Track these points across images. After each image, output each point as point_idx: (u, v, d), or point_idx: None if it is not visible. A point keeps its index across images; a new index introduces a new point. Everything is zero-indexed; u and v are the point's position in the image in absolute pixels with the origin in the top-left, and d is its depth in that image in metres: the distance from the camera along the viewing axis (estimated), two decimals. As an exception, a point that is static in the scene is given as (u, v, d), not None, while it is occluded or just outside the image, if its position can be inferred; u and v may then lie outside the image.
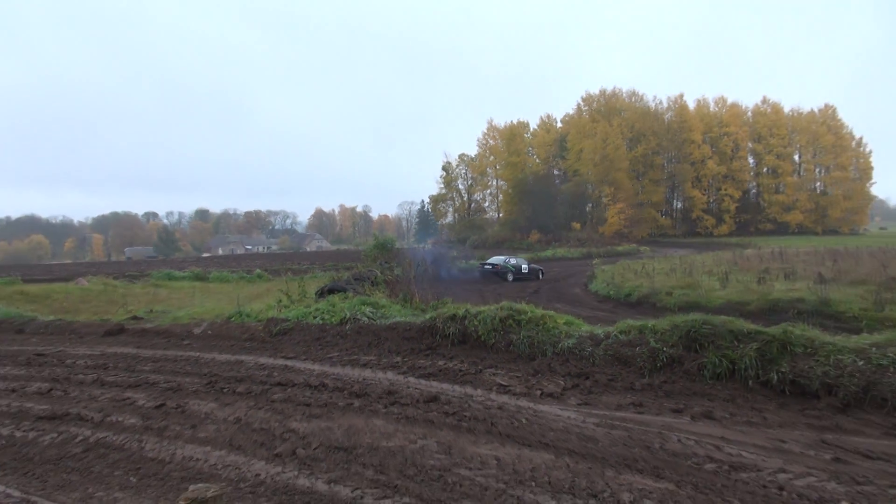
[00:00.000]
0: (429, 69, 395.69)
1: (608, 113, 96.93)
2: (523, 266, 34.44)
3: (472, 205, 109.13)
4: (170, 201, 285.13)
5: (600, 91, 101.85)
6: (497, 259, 35.38)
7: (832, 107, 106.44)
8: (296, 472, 5.45)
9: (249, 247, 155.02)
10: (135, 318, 17.08)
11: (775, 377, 7.28)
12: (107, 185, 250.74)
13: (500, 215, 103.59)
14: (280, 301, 16.91)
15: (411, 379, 8.60)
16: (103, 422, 7.23)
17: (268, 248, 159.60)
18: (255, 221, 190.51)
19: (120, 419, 7.27)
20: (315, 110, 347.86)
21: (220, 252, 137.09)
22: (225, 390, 8.40)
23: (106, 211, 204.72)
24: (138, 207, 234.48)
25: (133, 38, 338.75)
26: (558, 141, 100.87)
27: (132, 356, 11.30)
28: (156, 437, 6.57)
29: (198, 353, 11.29)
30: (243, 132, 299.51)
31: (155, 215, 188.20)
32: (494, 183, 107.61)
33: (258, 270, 41.17)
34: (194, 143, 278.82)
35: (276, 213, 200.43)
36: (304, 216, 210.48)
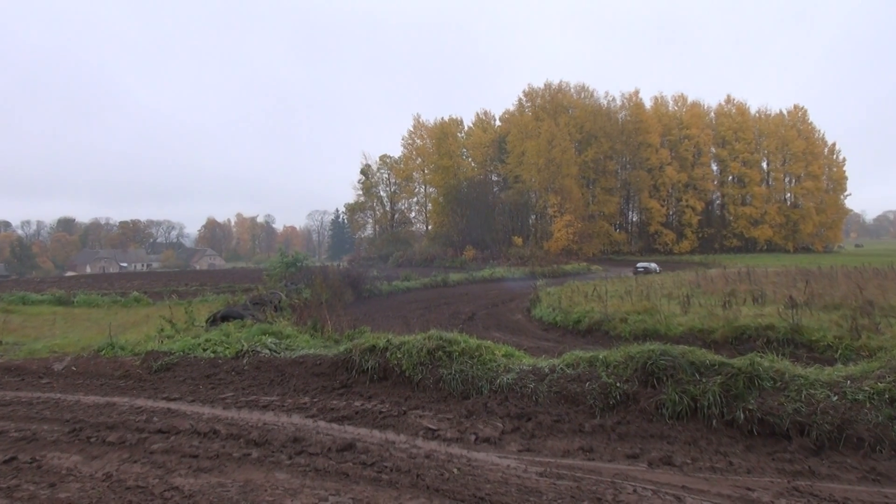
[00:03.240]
0: (337, 51, 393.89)
1: (554, 110, 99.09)
2: (657, 267, 61.73)
3: (396, 215, 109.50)
4: (26, 208, 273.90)
5: (545, 85, 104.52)
6: (645, 263, 63.16)
7: (802, 108, 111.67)
8: (179, 540, 5.30)
9: (125, 264, 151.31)
10: (-22, 351, 16.32)
11: (742, 416, 7.52)
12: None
13: (429, 228, 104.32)
14: (162, 330, 16.51)
15: (322, 423, 8.50)
16: (-66, 482, 6.86)
17: (148, 265, 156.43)
18: (133, 233, 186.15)
19: (-44, 478, 6.91)
20: (201, 101, 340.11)
21: (89, 270, 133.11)
22: (93, 439, 8.11)
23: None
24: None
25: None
26: (497, 142, 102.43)
27: (-27, 399, 10.79)
28: (4, 501, 6.27)
29: (59, 395, 10.87)
30: (114, 126, 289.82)
31: (7, 225, 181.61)
32: (422, 190, 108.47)
33: (135, 293, 40.01)
34: (53, 136, 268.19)
35: (158, 224, 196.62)
36: (192, 227, 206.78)
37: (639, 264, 64.48)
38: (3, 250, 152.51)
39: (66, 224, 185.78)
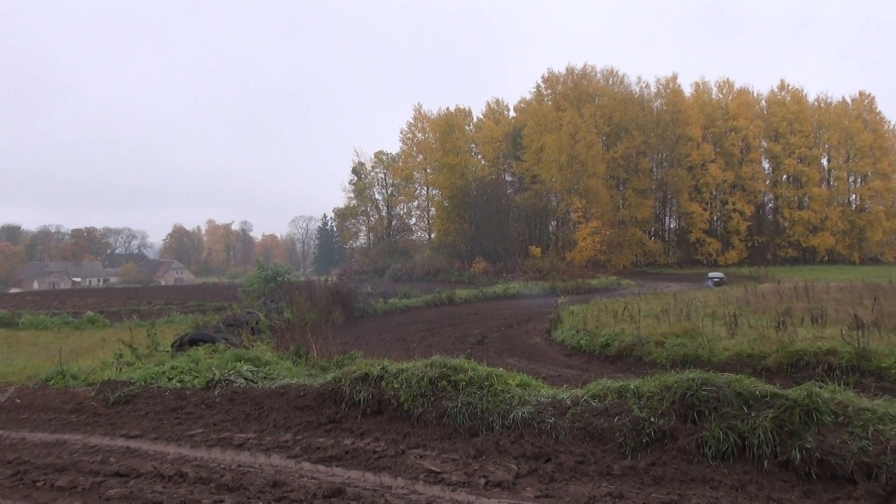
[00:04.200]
0: (323, 33, 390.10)
1: (578, 99, 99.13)
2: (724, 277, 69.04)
3: (394, 222, 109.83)
4: None
5: (567, 70, 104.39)
6: (717, 274, 71.62)
7: (869, 96, 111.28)
8: None
9: (78, 279, 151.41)
10: None
11: (798, 456, 7.45)
12: None
13: (433, 236, 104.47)
14: (121, 356, 16.52)
15: (306, 465, 8.51)
16: None
17: (105, 280, 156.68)
18: (87, 243, 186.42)
19: None
20: (164, 88, 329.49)
21: (37, 286, 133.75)
22: (39, 484, 8.12)
23: None
24: None
25: None
26: (511, 136, 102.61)
27: None
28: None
29: (1, 432, 10.90)
30: (63, 117, 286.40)
31: None
32: (424, 192, 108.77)
33: (90, 313, 40.03)
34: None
35: (116, 232, 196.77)
36: (156, 236, 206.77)
37: (711, 274, 71.11)
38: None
39: (10, 232, 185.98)
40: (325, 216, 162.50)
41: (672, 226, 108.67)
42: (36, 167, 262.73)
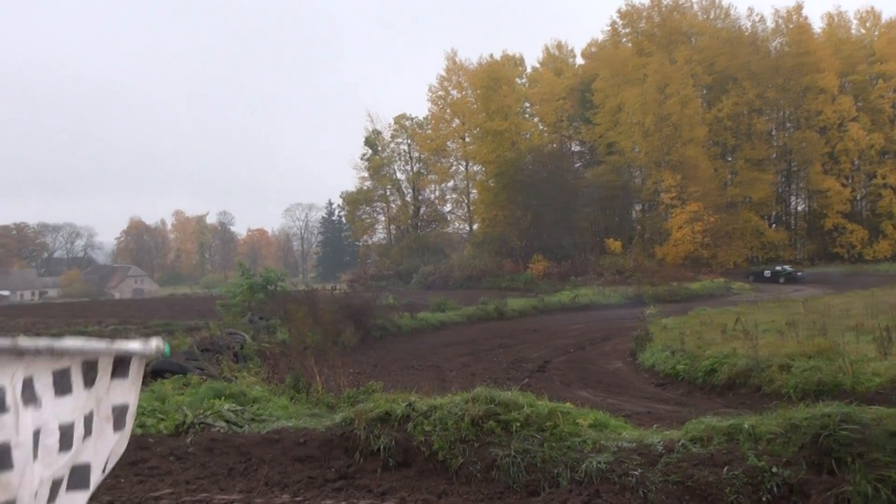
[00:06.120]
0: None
1: (667, 39, 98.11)
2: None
3: (422, 209, 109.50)
4: None
5: (652, 1, 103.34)
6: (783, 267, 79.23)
7: None
8: None
9: (6, 292, 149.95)
10: None
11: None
12: None
13: (475, 228, 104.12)
14: (62, 393, 16.66)
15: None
16: None
17: (41, 293, 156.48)
18: (17, 245, 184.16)
19: None
20: (108, 37, 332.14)
21: None
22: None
23: None
24: None
25: None
26: (578, 91, 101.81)
27: None
28: None
29: None
30: None
31: None
32: (463, 168, 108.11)
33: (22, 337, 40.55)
34: None
35: (55, 229, 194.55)
36: (107, 233, 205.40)
37: (778, 268, 75.82)
38: None
39: None
40: (330, 204, 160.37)
41: (799, 208, 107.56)
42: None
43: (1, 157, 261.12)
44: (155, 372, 18.18)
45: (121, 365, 3.06)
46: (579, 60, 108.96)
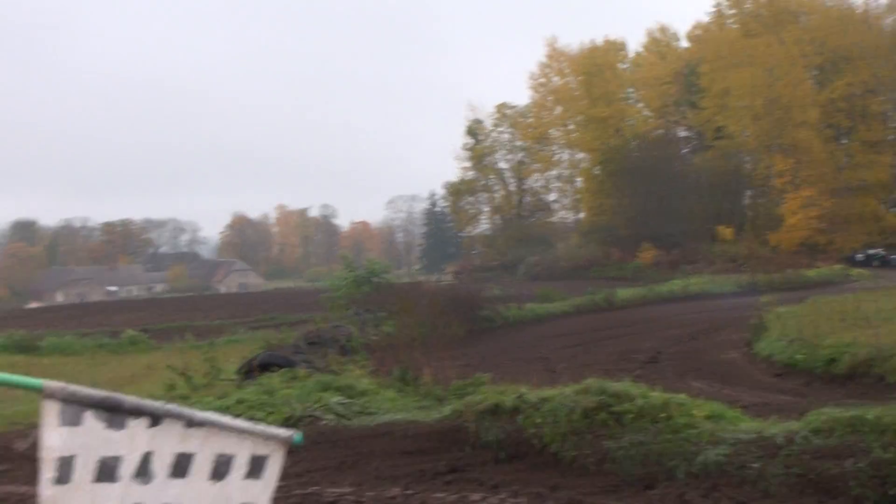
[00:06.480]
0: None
1: (774, 20, 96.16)
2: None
3: (527, 199, 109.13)
4: None
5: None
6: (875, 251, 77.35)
7: None
8: None
9: (114, 288, 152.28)
10: None
11: None
12: None
13: (581, 217, 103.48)
14: (173, 388, 16.87)
15: (421, 530, 8.48)
16: None
17: (148, 288, 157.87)
18: (123, 241, 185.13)
19: None
20: (204, 30, 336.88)
21: (61, 298, 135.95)
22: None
23: None
24: None
25: None
26: (684, 75, 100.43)
27: None
28: None
29: (24, 488, 11.15)
30: (68, 78, 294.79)
31: None
32: (566, 157, 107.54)
33: (131, 332, 41.22)
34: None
35: (160, 225, 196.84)
36: (211, 228, 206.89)
37: (871, 251, 75.30)
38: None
39: (24, 229, 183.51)
40: (432, 195, 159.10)
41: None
42: (46, 144, 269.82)
43: (107, 156, 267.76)
44: (262, 365, 18.30)
45: (256, 463, 2.96)
46: (684, 43, 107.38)
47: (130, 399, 2.64)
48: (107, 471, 2.49)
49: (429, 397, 14.18)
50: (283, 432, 3.06)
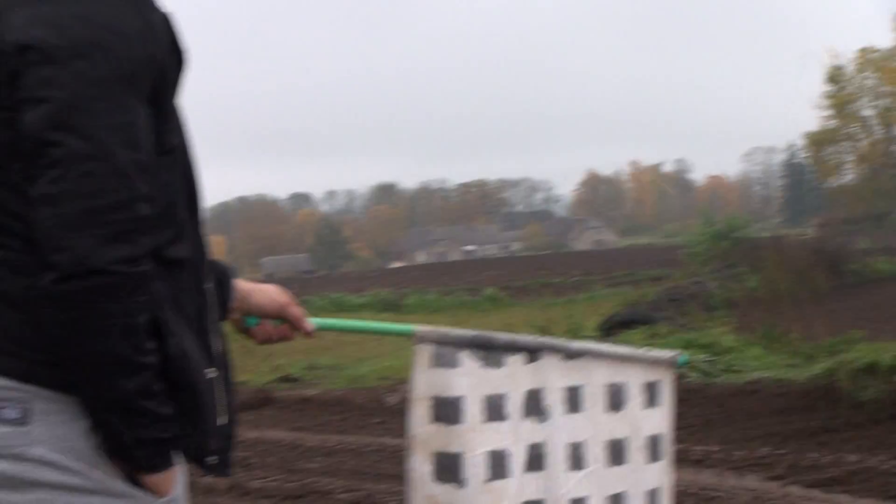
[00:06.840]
0: None
1: None
2: None
3: (893, 147, 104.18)
4: (327, 174, 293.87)
5: None
6: None
7: None
8: None
9: (471, 247, 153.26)
10: (286, 378, 18.26)
11: None
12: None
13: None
14: (534, 343, 17.13)
15: (794, 489, 8.25)
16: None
17: (504, 247, 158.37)
18: (478, 201, 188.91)
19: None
20: None
21: (420, 259, 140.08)
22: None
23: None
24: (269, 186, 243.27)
25: None
26: None
27: (289, 445, 11.98)
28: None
29: (397, 440, 11.25)
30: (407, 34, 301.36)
31: (305, 198, 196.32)
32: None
33: (489, 289, 42.17)
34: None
35: (513, 185, 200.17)
36: (564, 187, 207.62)
37: None
38: (306, 235, 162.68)
39: (386, 192, 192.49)
40: (791, 146, 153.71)
41: None
42: (408, 101, 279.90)
43: (464, 120, 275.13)
44: (623, 323, 18.38)
45: (649, 390, 2.95)
46: None
47: (503, 335, 2.67)
48: (494, 409, 2.54)
49: (797, 355, 13.78)
50: (667, 354, 3.03)
